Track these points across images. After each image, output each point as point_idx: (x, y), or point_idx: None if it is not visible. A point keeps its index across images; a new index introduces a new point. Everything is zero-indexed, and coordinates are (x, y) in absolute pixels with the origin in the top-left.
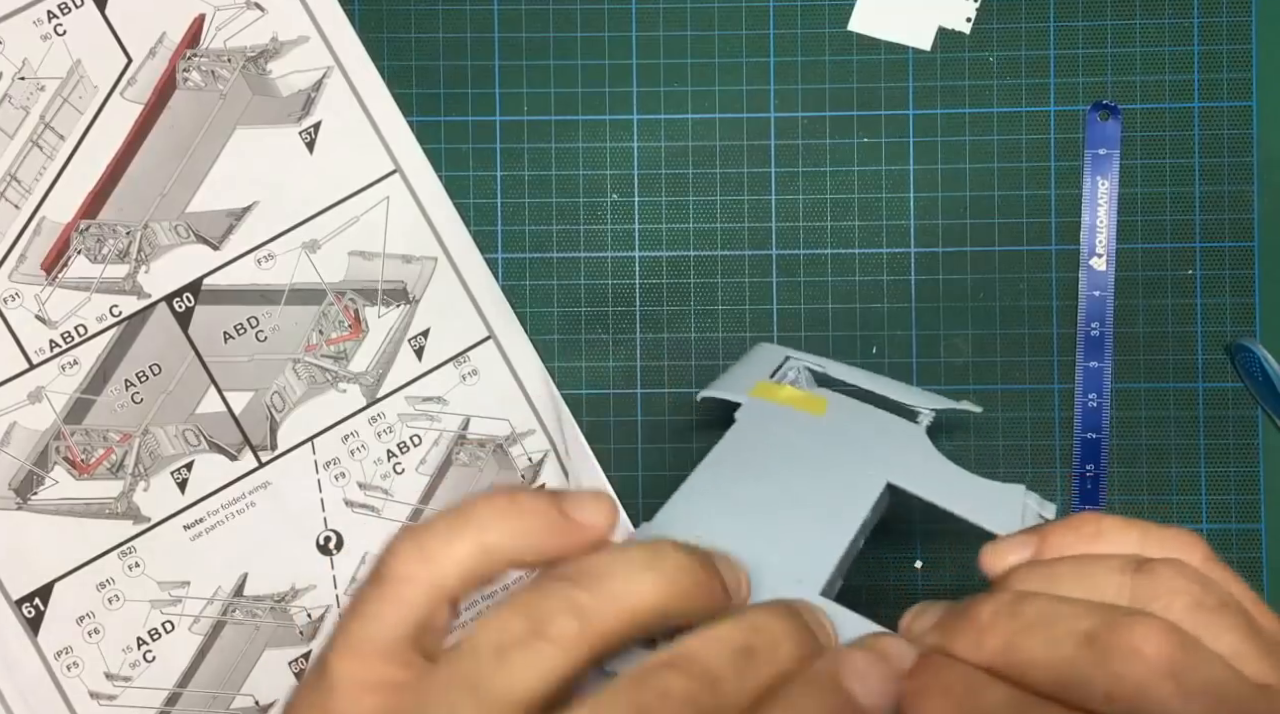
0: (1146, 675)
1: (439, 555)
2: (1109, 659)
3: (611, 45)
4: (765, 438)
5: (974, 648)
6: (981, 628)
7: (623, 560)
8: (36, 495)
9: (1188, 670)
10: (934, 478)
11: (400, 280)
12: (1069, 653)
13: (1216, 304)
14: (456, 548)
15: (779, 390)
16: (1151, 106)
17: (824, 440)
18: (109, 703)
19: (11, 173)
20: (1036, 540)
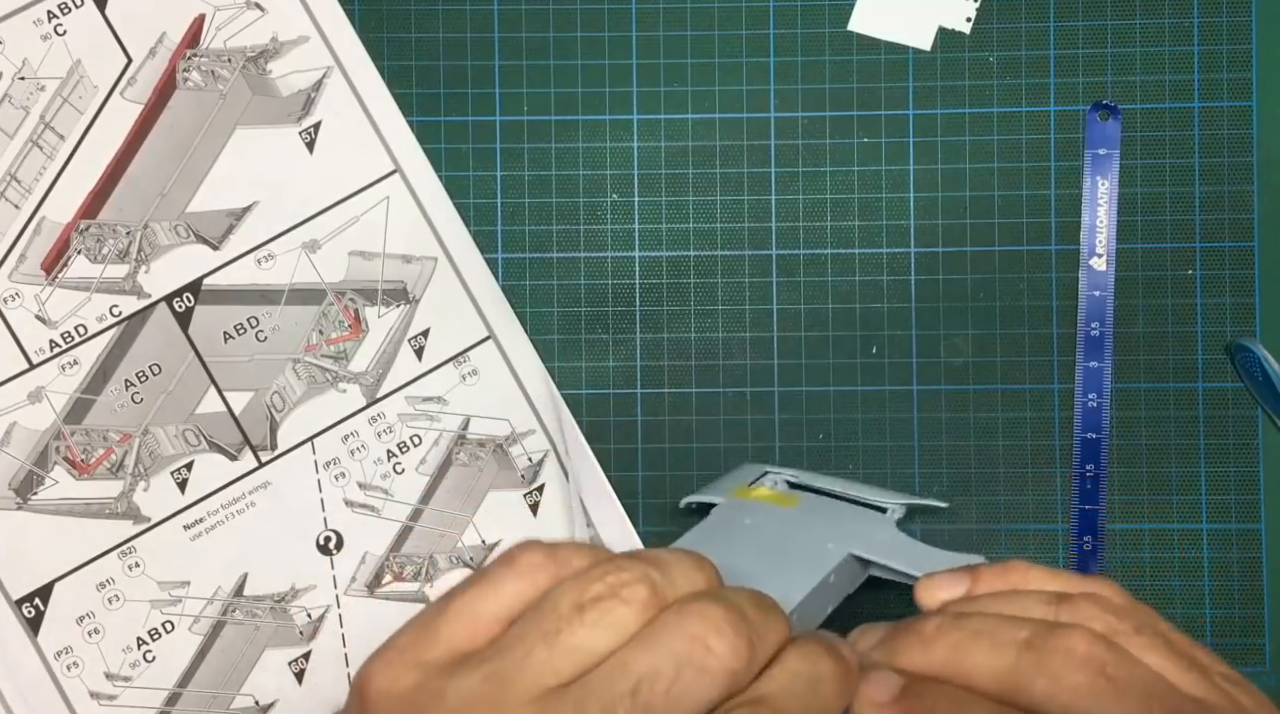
0: (1082, 676)
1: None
2: (1047, 662)
3: (611, 45)
4: (737, 521)
5: (921, 659)
6: (926, 640)
7: (679, 557)
8: (36, 495)
9: (1120, 671)
10: (898, 551)
11: (400, 280)
12: (1010, 658)
13: (1216, 304)
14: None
15: (754, 491)
16: (1151, 106)
17: (793, 523)
18: (109, 703)
19: (11, 173)
20: (969, 578)
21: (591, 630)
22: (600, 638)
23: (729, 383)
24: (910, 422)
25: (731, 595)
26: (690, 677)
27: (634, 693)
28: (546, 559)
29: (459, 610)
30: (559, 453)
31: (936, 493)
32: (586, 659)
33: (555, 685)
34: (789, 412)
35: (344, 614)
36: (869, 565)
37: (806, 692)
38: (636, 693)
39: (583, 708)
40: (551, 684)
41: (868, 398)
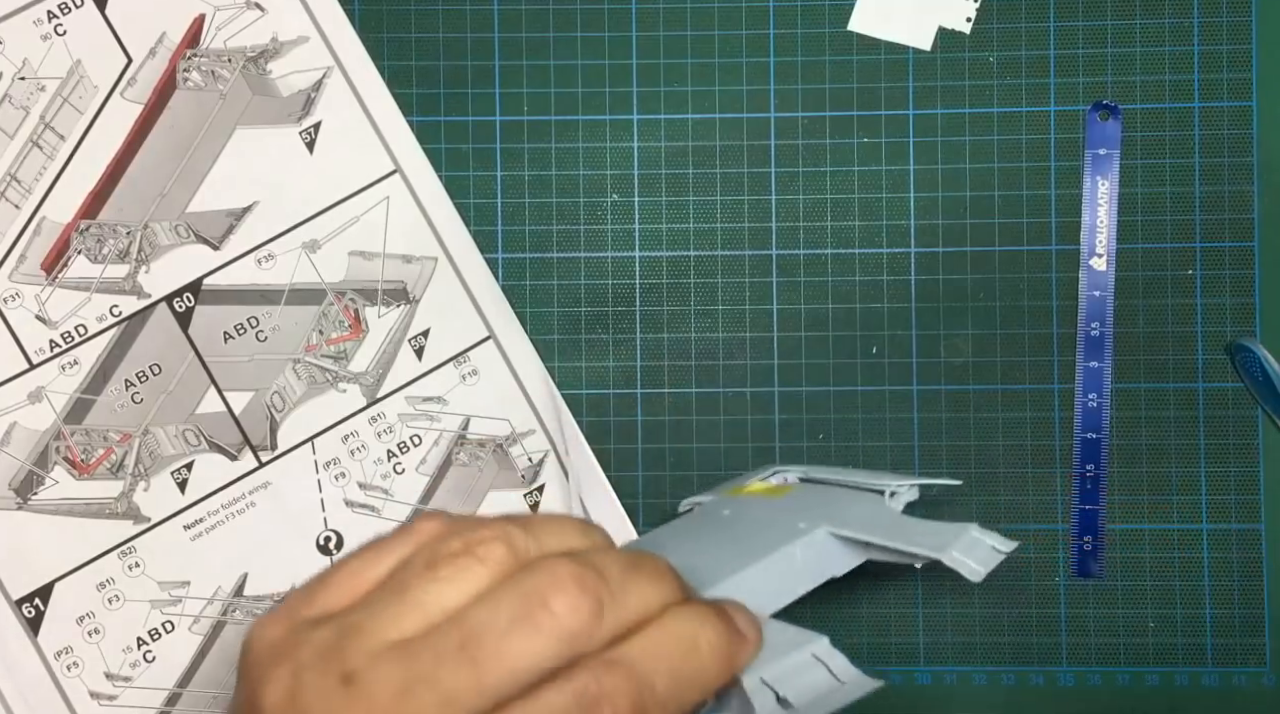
0: None
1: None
2: None
3: (611, 45)
4: (715, 515)
5: None
6: None
7: (560, 519)
8: (36, 495)
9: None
10: (875, 524)
11: (400, 280)
12: None
13: (1216, 304)
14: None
15: (747, 486)
16: (1151, 106)
17: (773, 510)
18: (109, 703)
19: (11, 173)
20: None
21: (441, 587)
22: (449, 594)
23: (729, 383)
24: (910, 422)
25: (596, 557)
26: (522, 634)
27: (462, 647)
28: (441, 526)
29: (346, 572)
30: (559, 453)
31: (940, 489)
32: (433, 615)
33: (399, 639)
34: (789, 412)
35: None
36: (861, 549)
37: (678, 655)
38: (464, 647)
39: (415, 660)
40: (394, 638)
41: (868, 398)
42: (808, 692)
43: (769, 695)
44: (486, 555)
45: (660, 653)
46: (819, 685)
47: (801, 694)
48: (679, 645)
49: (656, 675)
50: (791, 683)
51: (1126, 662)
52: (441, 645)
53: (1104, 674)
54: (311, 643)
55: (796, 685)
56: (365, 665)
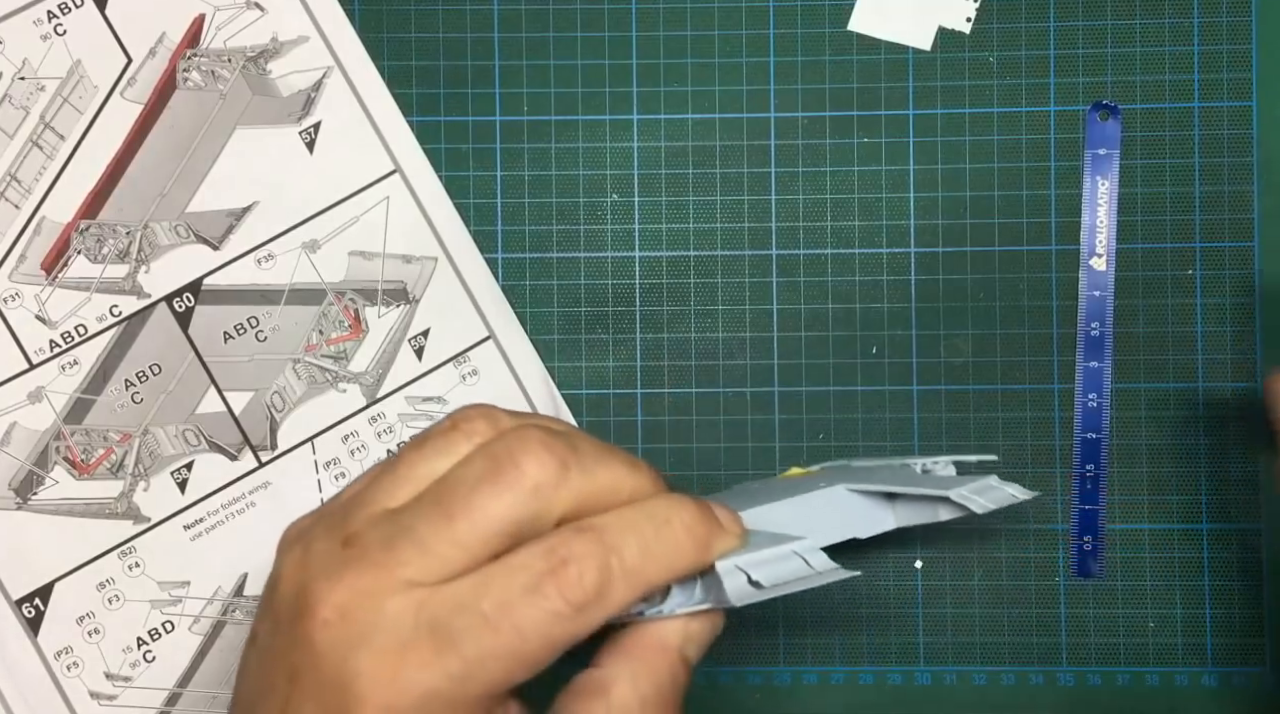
0: None
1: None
2: None
3: (611, 45)
4: (743, 489)
5: None
6: None
7: (547, 417)
8: (36, 495)
9: None
10: (892, 476)
11: (400, 280)
12: None
13: (1216, 304)
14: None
15: (781, 474)
16: (1151, 106)
17: (798, 479)
18: (109, 703)
19: (11, 173)
20: None
21: (429, 458)
22: (436, 465)
23: (729, 383)
24: (910, 422)
25: (575, 435)
26: (489, 487)
27: (436, 501)
28: (488, 424)
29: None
30: None
31: None
32: (421, 484)
33: (391, 507)
34: (789, 412)
35: None
36: (885, 511)
37: (650, 531)
38: (438, 501)
39: (399, 516)
40: (388, 505)
41: (868, 398)
42: (780, 576)
43: (740, 577)
44: (470, 430)
45: (632, 525)
46: (793, 572)
47: (773, 578)
48: (652, 521)
49: (626, 545)
50: (765, 569)
51: (1126, 662)
52: (422, 502)
53: (1104, 674)
54: (324, 521)
55: (770, 571)
56: (362, 529)
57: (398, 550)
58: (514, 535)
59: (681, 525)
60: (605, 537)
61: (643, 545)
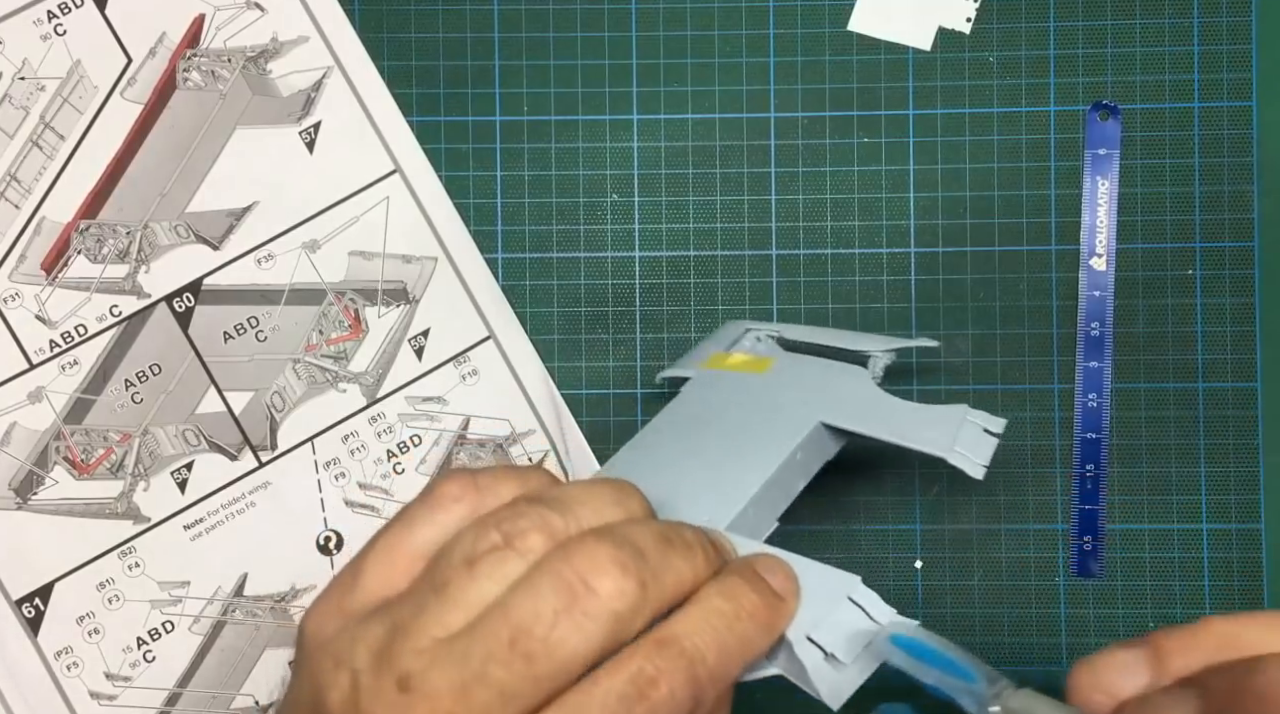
0: None
1: (487, 488)
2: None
3: (611, 45)
4: (707, 399)
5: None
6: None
7: (595, 493)
8: (36, 495)
9: None
10: (870, 412)
11: (400, 280)
12: None
13: (1216, 304)
14: (502, 487)
15: (727, 359)
16: (1151, 106)
17: (762, 393)
18: (109, 703)
19: (11, 173)
20: (1148, 654)
21: (481, 584)
22: (490, 589)
23: None
24: None
25: (632, 533)
26: (569, 623)
27: (513, 643)
28: (465, 490)
29: (379, 553)
30: (559, 453)
31: (936, 494)
32: (475, 609)
33: (444, 637)
34: None
35: None
36: (843, 434)
37: (723, 627)
38: (515, 643)
39: (466, 660)
40: (441, 636)
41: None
42: (852, 643)
43: (816, 652)
44: (525, 548)
45: (705, 626)
46: (860, 633)
47: (848, 647)
48: (722, 618)
49: (706, 649)
50: (834, 634)
51: None
52: (492, 643)
53: None
54: (364, 643)
55: (839, 636)
56: (419, 667)
57: (474, 699)
58: (594, 661)
59: (748, 616)
60: (686, 647)
61: (720, 645)
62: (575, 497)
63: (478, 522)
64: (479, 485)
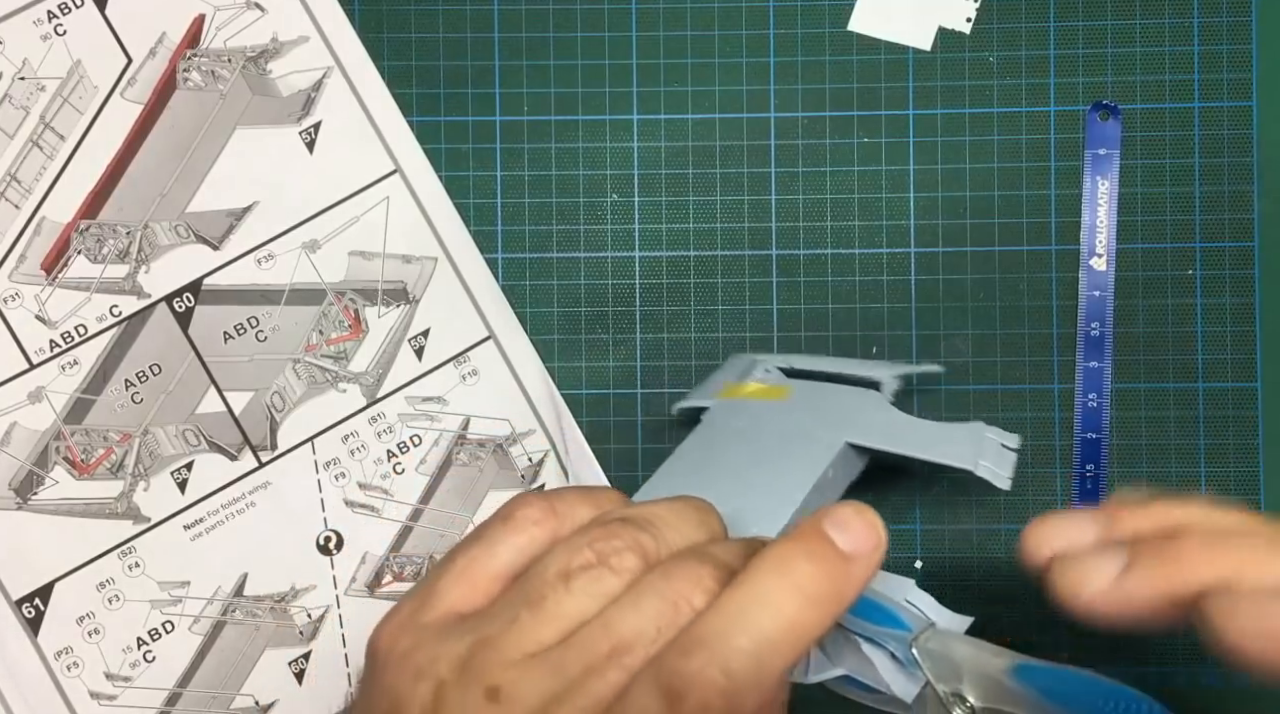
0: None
1: (564, 513)
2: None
3: (611, 45)
4: (730, 425)
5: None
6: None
7: (680, 514)
8: (36, 495)
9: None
10: (893, 431)
11: (400, 280)
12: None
13: (1216, 304)
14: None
15: (743, 388)
16: (1151, 106)
17: (786, 418)
18: (109, 703)
19: (11, 173)
20: (1100, 518)
21: (577, 599)
22: (586, 605)
23: None
24: None
25: (721, 552)
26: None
27: (612, 655)
28: (544, 514)
29: (458, 572)
30: (559, 453)
31: (936, 493)
32: (570, 625)
33: (537, 651)
34: None
35: (344, 614)
36: (868, 452)
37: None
38: (615, 655)
39: (563, 669)
40: (534, 650)
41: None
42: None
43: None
44: (620, 566)
45: (743, 621)
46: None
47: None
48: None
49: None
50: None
51: (1127, 662)
52: (590, 656)
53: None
54: (447, 656)
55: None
56: (510, 679)
57: (564, 710)
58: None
59: (799, 591)
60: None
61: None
62: (662, 517)
63: (569, 540)
64: (557, 510)
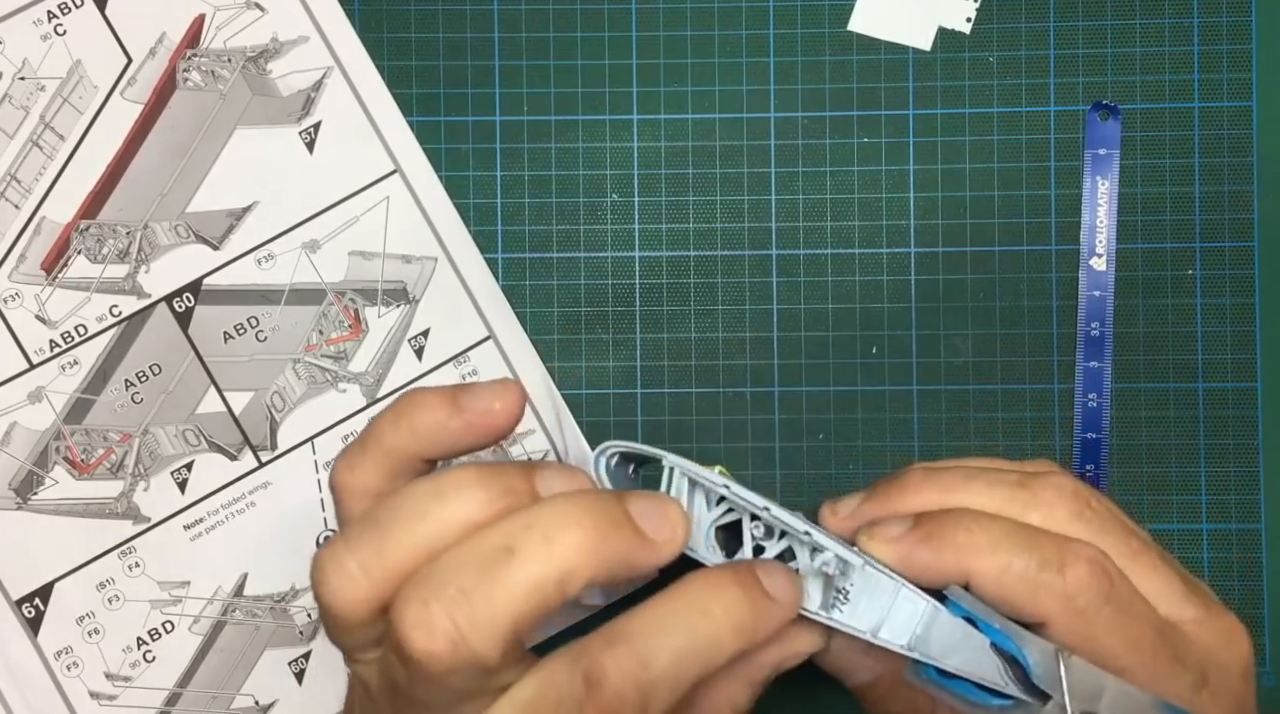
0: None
1: (358, 466)
2: (1039, 494)
3: (611, 45)
4: None
5: (914, 503)
6: (914, 488)
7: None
8: (36, 495)
9: (1098, 506)
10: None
11: (400, 280)
12: (1005, 496)
13: (1216, 304)
14: (370, 455)
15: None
16: (1151, 106)
17: None
18: (109, 703)
19: (11, 173)
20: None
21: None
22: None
23: (729, 383)
24: (910, 422)
25: (448, 568)
26: (420, 686)
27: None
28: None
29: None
30: (559, 453)
31: None
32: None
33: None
34: (789, 412)
35: None
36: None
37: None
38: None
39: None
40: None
41: (868, 398)
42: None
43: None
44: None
45: (667, 624)
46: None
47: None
48: (690, 612)
49: (660, 650)
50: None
51: None
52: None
53: None
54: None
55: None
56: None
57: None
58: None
59: (722, 613)
60: (637, 646)
61: (678, 645)
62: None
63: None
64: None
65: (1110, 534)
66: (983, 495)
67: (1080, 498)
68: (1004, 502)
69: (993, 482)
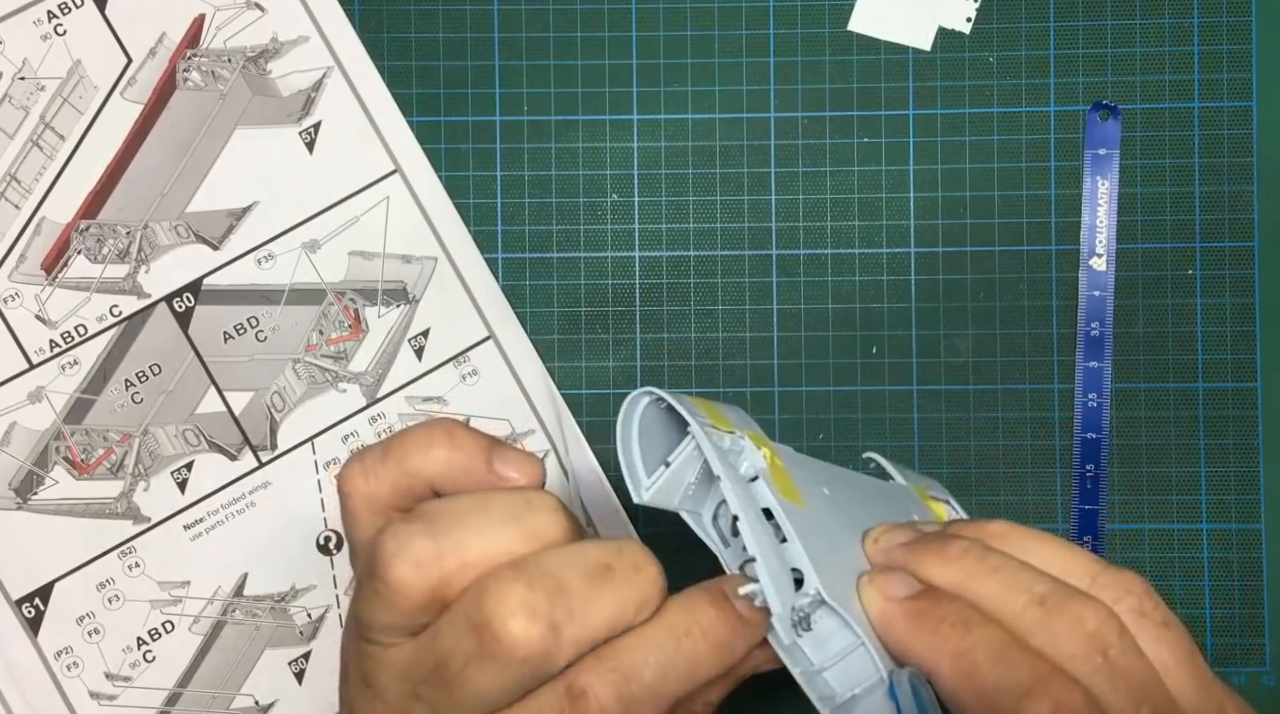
0: (1081, 647)
1: (375, 475)
2: (1052, 622)
3: (611, 45)
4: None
5: (937, 573)
6: (948, 559)
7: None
8: (36, 495)
9: (1121, 659)
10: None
11: (400, 280)
12: (1019, 605)
13: (1216, 304)
14: (390, 469)
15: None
16: (1151, 106)
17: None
18: (109, 703)
19: (11, 173)
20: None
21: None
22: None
23: (729, 383)
24: (910, 422)
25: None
26: (479, 668)
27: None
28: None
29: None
30: (559, 453)
31: None
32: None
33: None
34: (789, 412)
35: (344, 614)
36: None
37: (669, 645)
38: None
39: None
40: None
41: (868, 398)
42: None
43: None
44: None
45: (648, 644)
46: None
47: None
48: (670, 634)
49: (644, 666)
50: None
51: None
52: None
53: None
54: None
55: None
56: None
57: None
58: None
59: (701, 633)
60: (622, 662)
61: (661, 662)
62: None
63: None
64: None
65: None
66: (997, 597)
67: (1100, 641)
68: (1012, 615)
69: (1014, 588)
